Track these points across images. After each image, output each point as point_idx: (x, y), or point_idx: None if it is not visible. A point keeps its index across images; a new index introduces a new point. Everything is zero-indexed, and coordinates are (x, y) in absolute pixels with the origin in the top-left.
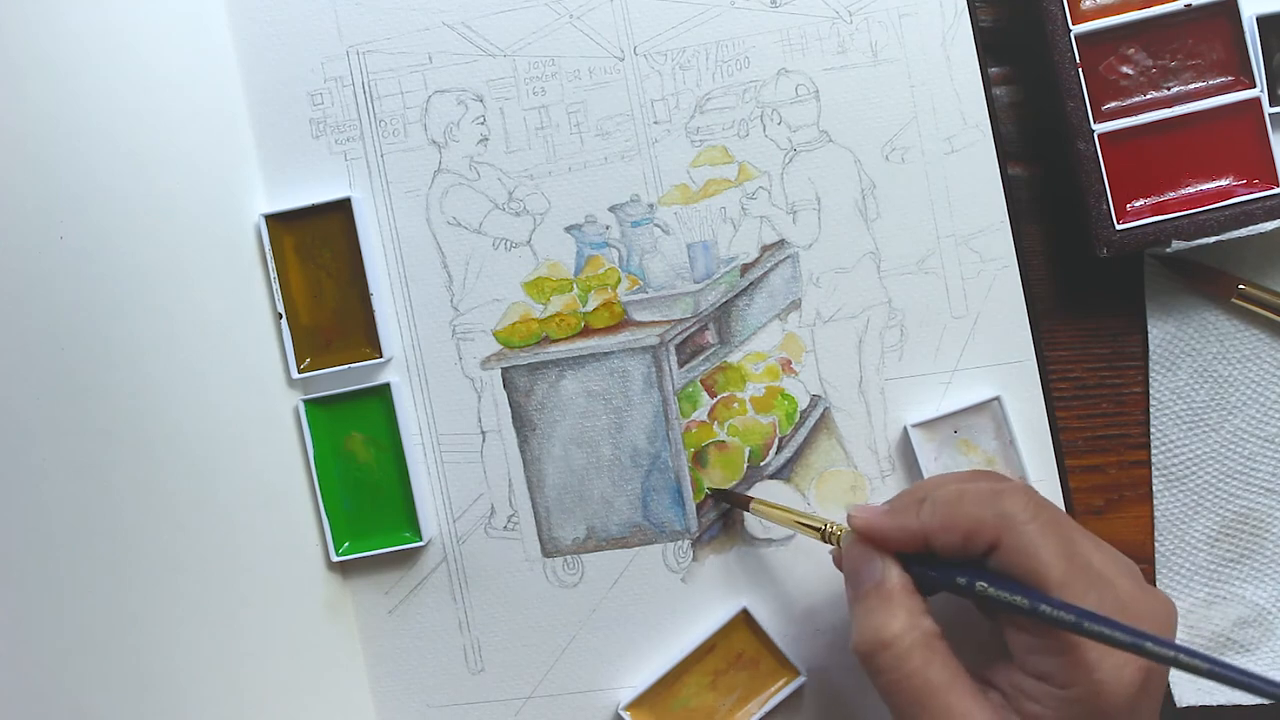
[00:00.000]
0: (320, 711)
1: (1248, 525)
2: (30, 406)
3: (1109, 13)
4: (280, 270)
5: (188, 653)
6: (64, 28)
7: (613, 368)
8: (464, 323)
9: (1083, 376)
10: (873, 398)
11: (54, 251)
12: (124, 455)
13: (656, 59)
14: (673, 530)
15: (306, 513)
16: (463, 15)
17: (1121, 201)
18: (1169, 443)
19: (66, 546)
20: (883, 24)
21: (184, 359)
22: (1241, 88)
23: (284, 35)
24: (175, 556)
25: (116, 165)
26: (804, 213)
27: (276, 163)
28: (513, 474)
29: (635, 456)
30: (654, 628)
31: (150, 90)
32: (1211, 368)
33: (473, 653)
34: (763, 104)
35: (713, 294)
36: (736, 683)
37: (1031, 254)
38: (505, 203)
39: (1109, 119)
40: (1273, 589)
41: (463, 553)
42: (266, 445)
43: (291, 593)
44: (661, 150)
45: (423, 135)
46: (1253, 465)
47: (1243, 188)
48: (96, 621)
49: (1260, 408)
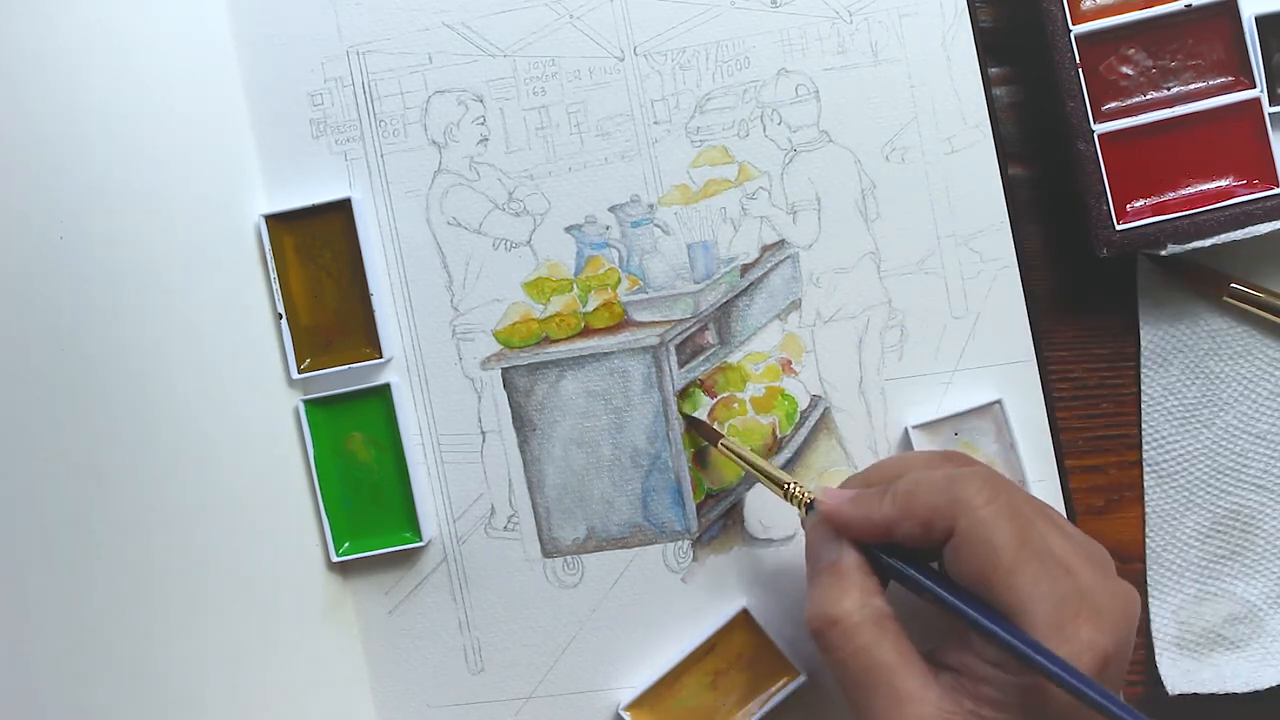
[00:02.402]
0: (320, 712)
1: (1239, 522)
2: (30, 406)
3: (1109, 13)
4: (280, 270)
5: (187, 653)
6: (64, 28)
7: (613, 368)
8: (464, 323)
9: (1083, 377)
10: (873, 398)
11: (54, 251)
12: (124, 455)
13: (656, 59)
14: (673, 530)
15: (306, 513)
16: (463, 15)
17: (1122, 202)
18: (1160, 439)
19: (66, 546)
20: (883, 24)
21: (184, 359)
22: (1241, 88)
23: (284, 35)
24: (174, 556)
25: (116, 165)
26: (804, 213)
27: (276, 163)
28: (513, 474)
29: (635, 457)
30: (654, 628)
31: (150, 90)
32: (1203, 365)
33: (473, 653)
34: (763, 104)
35: (713, 294)
36: (736, 683)
37: (1031, 254)
38: (505, 203)
39: (1109, 119)
40: (1263, 585)
41: (463, 553)
42: (266, 445)
43: (291, 593)
44: (661, 150)
45: (423, 135)
46: (1244, 462)
47: (1243, 188)
48: (96, 621)
49: (1251, 404)
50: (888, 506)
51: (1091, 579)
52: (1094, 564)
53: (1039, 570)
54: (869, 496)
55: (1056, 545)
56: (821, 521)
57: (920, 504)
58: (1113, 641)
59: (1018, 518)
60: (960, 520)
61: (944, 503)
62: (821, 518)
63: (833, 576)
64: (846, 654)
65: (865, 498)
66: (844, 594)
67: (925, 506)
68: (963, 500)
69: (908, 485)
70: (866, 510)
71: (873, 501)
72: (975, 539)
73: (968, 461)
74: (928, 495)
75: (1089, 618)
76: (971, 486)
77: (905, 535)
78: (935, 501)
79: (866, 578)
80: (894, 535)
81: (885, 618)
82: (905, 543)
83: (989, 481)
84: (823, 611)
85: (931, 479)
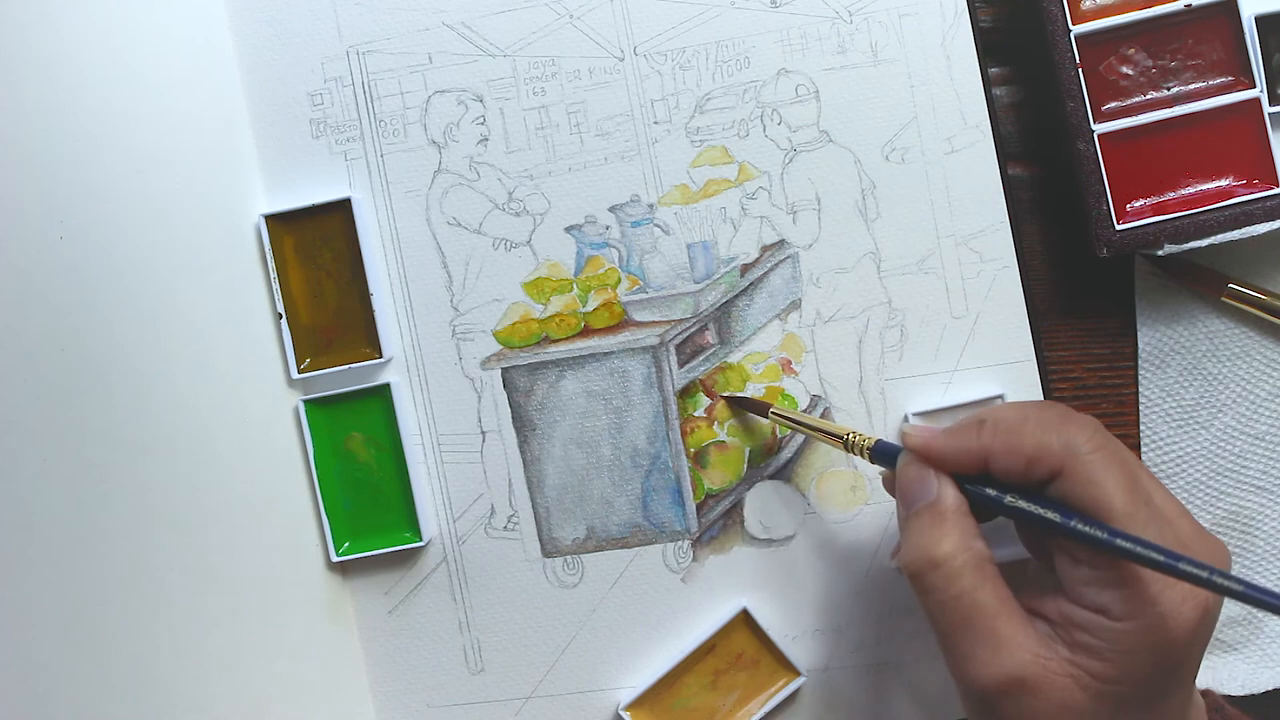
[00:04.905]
0: (320, 711)
1: (1238, 523)
2: (30, 406)
3: (1109, 13)
4: (280, 270)
5: (187, 653)
6: (64, 28)
7: (613, 368)
8: (464, 323)
9: (1083, 377)
10: (873, 398)
11: (54, 251)
12: (124, 455)
13: (656, 59)
14: (673, 530)
15: (306, 513)
16: (463, 15)
17: (1121, 201)
18: (1159, 441)
19: (66, 546)
20: (883, 24)
21: (184, 359)
22: (1241, 88)
23: (284, 35)
24: (175, 556)
25: (116, 165)
26: (804, 213)
27: (276, 163)
28: (513, 474)
29: (635, 456)
30: (654, 628)
31: (150, 90)
32: (1201, 365)
33: (473, 653)
34: (763, 104)
35: (713, 294)
36: (736, 683)
37: (1031, 254)
38: (505, 203)
39: (1109, 119)
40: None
41: (463, 553)
42: (266, 445)
43: (291, 593)
44: (661, 150)
45: (423, 135)
46: (1243, 463)
47: (1243, 188)
48: (96, 621)
49: (1250, 405)
50: (987, 437)
51: (1190, 530)
52: (1187, 518)
53: (1147, 518)
54: (962, 428)
55: (1158, 496)
56: (913, 460)
57: (1028, 440)
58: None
59: (1126, 465)
60: (1070, 463)
61: (1055, 442)
62: (911, 455)
63: (932, 518)
64: (948, 596)
65: (958, 430)
66: (944, 535)
67: (1034, 443)
68: (1075, 443)
69: (1013, 419)
70: (962, 441)
71: (968, 432)
72: (1088, 483)
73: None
74: (1038, 432)
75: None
76: (1085, 431)
77: (1003, 469)
78: (1045, 440)
79: (965, 518)
80: (990, 468)
81: (985, 560)
82: (1001, 477)
83: (1098, 429)
84: (924, 554)
85: (1041, 416)
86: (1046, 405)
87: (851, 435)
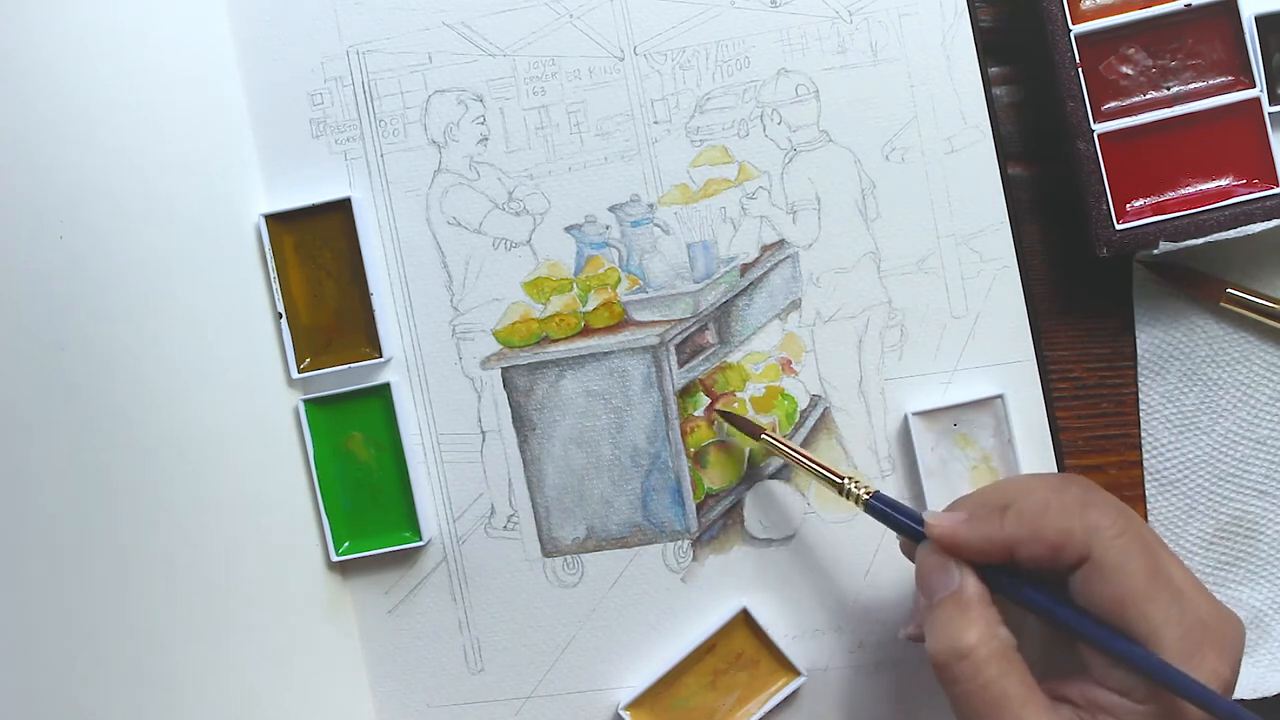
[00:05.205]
0: (320, 711)
1: (1242, 528)
2: (30, 406)
3: (1109, 13)
4: (280, 270)
5: (187, 652)
6: (64, 27)
7: (613, 368)
8: (464, 323)
9: (1082, 376)
10: (873, 398)
11: (54, 251)
12: (123, 455)
13: (656, 59)
14: (673, 530)
15: (306, 512)
16: (463, 15)
17: (1121, 201)
18: (1160, 447)
19: (65, 545)
20: (883, 24)
21: (184, 359)
22: (1241, 88)
23: (284, 35)
24: (174, 556)
25: (116, 165)
26: (804, 213)
27: (276, 163)
28: (513, 474)
29: (635, 456)
30: (654, 628)
31: (150, 90)
32: (1201, 371)
33: (473, 653)
34: (763, 104)
35: (713, 294)
36: (736, 683)
37: (1031, 254)
38: (505, 203)
39: (1109, 119)
40: (1269, 591)
41: (463, 553)
42: (266, 445)
43: (291, 592)
44: (661, 150)
45: (423, 135)
46: (1245, 468)
47: (1242, 188)
48: (96, 621)
49: (1251, 410)
50: (1011, 527)
51: (1208, 608)
52: (1203, 592)
53: (1169, 599)
54: (985, 518)
55: (1178, 574)
56: (934, 549)
57: (1051, 527)
58: (1230, 670)
59: (1148, 546)
60: (1096, 547)
61: (1079, 528)
62: (934, 544)
63: (956, 608)
64: (975, 686)
65: (981, 519)
66: (969, 625)
67: (1057, 530)
68: (1100, 527)
69: (1035, 505)
70: (986, 531)
71: (991, 522)
72: (1111, 566)
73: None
74: (1060, 519)
75: (1212, 646)
76: (1107, 514)
77: (1029, 558)
78: (1069, 525)
79: (989, 607)
80: (1015, 557)
81: (1011, 649)
82: (1027, 565)
83: (1120, 509)
84: (950, 645)
85: (1064, 502)
86: (1066, 484)
87: (847, 481)
